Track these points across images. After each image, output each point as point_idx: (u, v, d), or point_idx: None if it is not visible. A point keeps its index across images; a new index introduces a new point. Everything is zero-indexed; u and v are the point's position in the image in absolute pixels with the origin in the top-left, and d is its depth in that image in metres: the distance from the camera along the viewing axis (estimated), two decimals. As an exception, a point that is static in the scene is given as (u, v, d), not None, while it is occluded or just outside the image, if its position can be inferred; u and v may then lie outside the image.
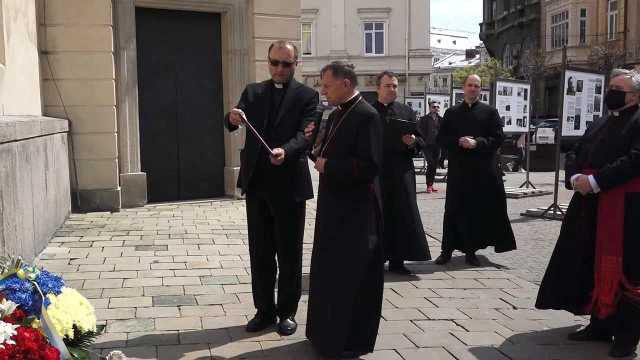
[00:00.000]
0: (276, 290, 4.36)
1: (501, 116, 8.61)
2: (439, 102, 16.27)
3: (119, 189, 8.74)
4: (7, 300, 2.70)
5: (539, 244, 7.55)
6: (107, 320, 4.25)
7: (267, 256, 4.30)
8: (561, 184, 5.89)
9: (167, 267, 5.82)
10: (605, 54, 29.71)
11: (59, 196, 7.48)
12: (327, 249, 3.78)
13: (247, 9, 9.72)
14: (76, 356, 2.72)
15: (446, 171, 9.06)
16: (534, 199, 11.92)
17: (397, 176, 5.71)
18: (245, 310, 4.59)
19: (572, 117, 9.93)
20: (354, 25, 35.71)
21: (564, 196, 9.08)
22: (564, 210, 8.10)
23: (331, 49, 34.65)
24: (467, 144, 6.15)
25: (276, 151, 3.88)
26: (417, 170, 10.80)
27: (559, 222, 5.07)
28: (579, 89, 9.95)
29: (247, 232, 4.41)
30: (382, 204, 3.90)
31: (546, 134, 24.76)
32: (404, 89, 26.42)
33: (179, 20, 9.38)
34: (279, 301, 4.35)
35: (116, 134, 8.70)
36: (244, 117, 3.91)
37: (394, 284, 5.34)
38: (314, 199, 4.12)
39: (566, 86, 9.65)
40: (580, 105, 10.00)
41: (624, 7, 30.58)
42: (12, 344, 2.45)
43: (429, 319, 4.54)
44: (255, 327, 4.23)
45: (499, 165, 9.20)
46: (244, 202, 4.42)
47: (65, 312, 2.80)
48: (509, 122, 12.65)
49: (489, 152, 6.34)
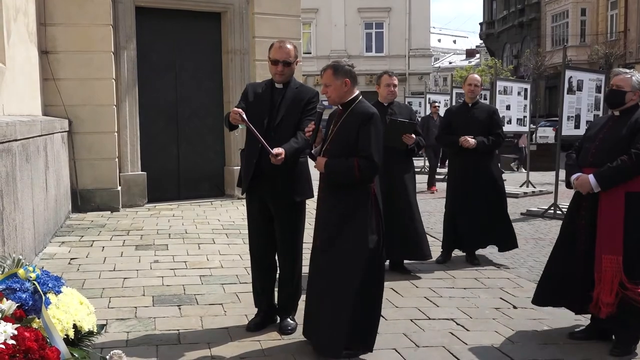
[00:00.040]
0: (276, 289, 4.36)
1: (501, 116, 8.61)
2: (440, 102, 16.26)
3: (119, 188, 8.74)
4: (7, 299, 2.70)
5: (539, 243, 7.55)
6: (107, 319, 4.25)
7: (267, 256, 4.30)
8: (561, 183, 5.89)
9: (167, 267, 5.82)
10: (605, 53, 29.71)
11: (59, 196, 7.48)
12: (328, 249, 3.77)
13: (247, 8, 9.72)
14: (76, 356, 2.72)
15: (446, 170, 9.06)
16: (534, 198, 11.92)
17: (398, 176, 5.71)
18: (245, 309, 4.59)
19: (572, 116, 9.93)
20: (354, 24, 35.72)
21: (564, 195, 9.09)
22: (564, 209, 8.10)
23: (331, 49, 34.67)
24: (467, 144, 6.15)
25: (276, 151, 3.88)
26: (418, 170, 10.82)
27: (559, 222, 5.06)
28: (579, 89, 9.95)
29: (247, 231, 4.41)
30: (382, 203, 3.90)
31: (546, 134, 24.77)
32: (404, 89, 26.43)
33: (179, 19, 9.38)
34: (279, 301, 4.35)
35: (116, 134, 8.70)
36: (244, 116, 3.91)
37: (394, 284, 5.34)
38: (314, 199, 4.12)
39: (566, 85, 9.65)
40: (580, 104, 10.01)
41: (624, 7, 30.57)
42: (12, 344, 2.45)
43: (429, 319, 4.54)
44: (255, 326, 4.23)
45: (499, 164, 9.20)
46: (244, 202, 4.42)
47: (65, 312, 2.80)
48: (509, 122, 12.66)
49: (489, 152, 6.34)
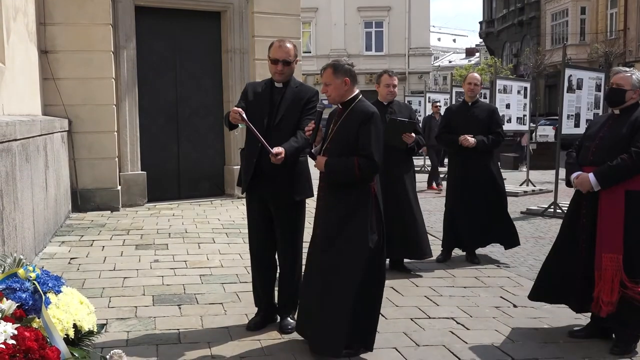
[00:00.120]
0: (276, 289, 4.36)
1: (501, 114, 8.60)
2: (440, 101, 16.27)
3: (119, 188, 8.74)
4: (7, 299, 2.70)
5: (539, 242, 7.56)
6: (107, 319, 4.25)
7: (267, 255, 4.30)
8: (561, 182, 5.89)
9: (167, 266, 5.82)
10: (605, 52, 29.69)
11: (59, 195, 7.48)
12: (328, 249, 3.77)
13: (247, 7, 9.72)
14: (77, 355, 2.72)
15: (446, 169, 9.05)
16: (534, 197, 11.94)
17: (398, 175, 5.71)
18: (245, 309, 4.59)
19: (572, 115, 9.93)
20: (353, 23, 35.71)
21: (564, 194, 9.09)
22: (564, 208, 8.12)
23: (331, 48, 34.66)
24: (467, 143, 6.14)
25: (276, 150, 3.88)
26: (417, 169, 10.81)
27: (559, 220, 5.06)
28: (579, 87, 9.95)
29: (247, 231, 4.41)
30: (382, 202, 3.89)
31: (546, 132, 24.78)
32: (403, 88, 26.40)
33: (179, 19, 9.38)
34: (279, 300, 4.35)
35: (116, 133, 8.70)
36: (244, 116, 3.90)
37: (395, 282, 5.34)
38: (314, 198, 4.12)
39: (566, 84, 9.65)
40: (580, 103, 10.01)
41: (623, 5, 30.56)
42: (12, 344, 2.45)
43: (430, 318, 4.54)
44: (255, 325, 4.23)
45: (499, 163, 9.20)
46: (244, 201, 4.42)
47: (65, 312, 2.80)
48: (509, 121, 12.67)
49: (489, 151, 6.34)
